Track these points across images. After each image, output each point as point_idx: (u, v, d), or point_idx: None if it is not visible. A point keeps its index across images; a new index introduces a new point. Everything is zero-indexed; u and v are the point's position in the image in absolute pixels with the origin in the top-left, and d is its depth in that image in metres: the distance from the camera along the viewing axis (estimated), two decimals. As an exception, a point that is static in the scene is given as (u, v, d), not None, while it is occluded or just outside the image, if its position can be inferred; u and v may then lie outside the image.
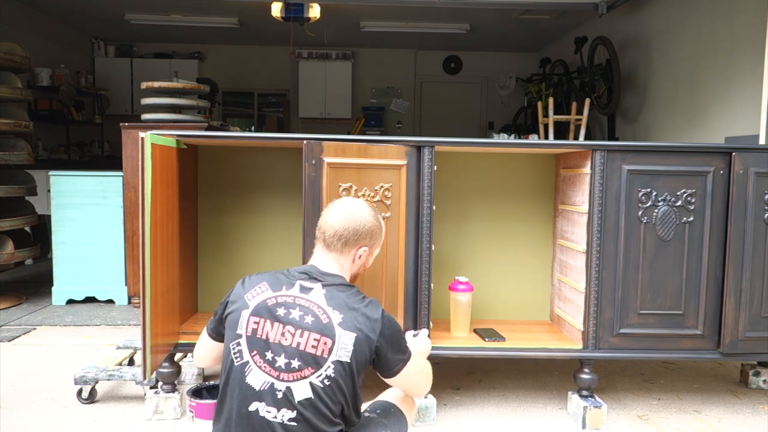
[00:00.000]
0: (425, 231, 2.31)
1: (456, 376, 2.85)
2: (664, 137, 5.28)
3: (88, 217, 3.98)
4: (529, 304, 2.84)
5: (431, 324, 2.37)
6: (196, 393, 2.34)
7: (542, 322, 2.80)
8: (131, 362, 2.78)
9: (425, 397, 2.28)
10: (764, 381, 2.77)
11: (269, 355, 1.47)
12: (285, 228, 2.75)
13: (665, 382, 2.85)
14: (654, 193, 2.32)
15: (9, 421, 2.32)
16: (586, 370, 2.39)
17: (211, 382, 2.24)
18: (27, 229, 4.35)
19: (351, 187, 2.21)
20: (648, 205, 2.33)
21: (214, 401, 1.63)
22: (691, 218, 2.34)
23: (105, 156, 8.05)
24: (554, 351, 2.42)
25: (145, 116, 4.49)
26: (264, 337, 1.49)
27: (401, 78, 9.15)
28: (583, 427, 2.34)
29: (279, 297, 1.52)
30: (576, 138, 5.38)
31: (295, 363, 1.46)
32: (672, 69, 5.18)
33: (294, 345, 1.47)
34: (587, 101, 5.28)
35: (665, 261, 2.34)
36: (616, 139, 6.06)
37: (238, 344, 1.50)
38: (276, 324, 1.49)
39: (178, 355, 2.54)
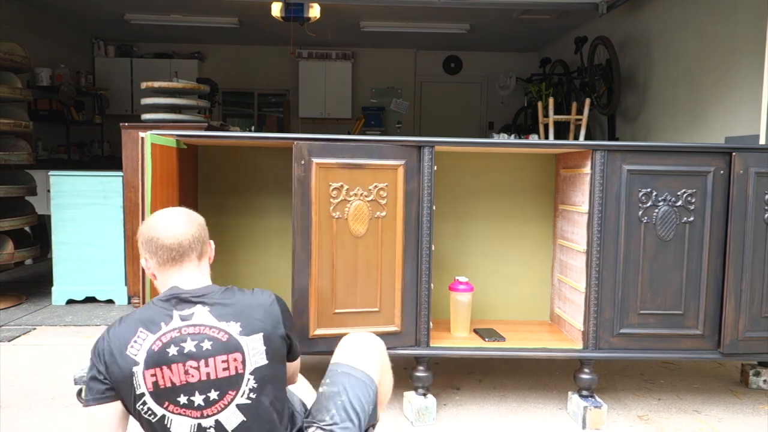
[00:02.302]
0: (425, 231, 2.30)
1: (456, 376, 2.84)
2: (664, 137, 5.28)
3: (88, 217, 3.98)
4: (529, 304, 2.84)
5: (431, 324, 2.37)
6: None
7: (542, 322, 2.80)
8: (131, 362, 2.78)
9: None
10: (764, 381, 2.77)
11: (183, 400, 1.35)
12: (284, 228, 2.75)
13: (665, 382, 2.85)
14: (654, 193, 2.32)
15: (9, 421, 2.32)
16: (586, 370, 2.39)
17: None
18: (27, 229, 4.35)
19: (342, 186, 2.20)
20: (648, 205, 2.32)
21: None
22: (692, 218, 2.33)
23: (105, 156, 8.06)
24: (554, 351, 2.42)
25: (145, 116, 4.49)
26: (169, 385, 1.34)
27: (401, 78, 9.15)
28: (583, 427, 2.34)
29: (163, 336, 1.36)
30: (576, 138, 5.38)
31: (213, 395, 1.35)
32: (672, 69, 5.18)
33: (203, 378, 1.35)
34: (587, 101, 5.27)
35: (665, 261, 2.34)
36: (616, 139, 6.05)
37: (144, 403, 1.35)
38: (174, 366, 1.34)
39: (178, 355, 2.54)
